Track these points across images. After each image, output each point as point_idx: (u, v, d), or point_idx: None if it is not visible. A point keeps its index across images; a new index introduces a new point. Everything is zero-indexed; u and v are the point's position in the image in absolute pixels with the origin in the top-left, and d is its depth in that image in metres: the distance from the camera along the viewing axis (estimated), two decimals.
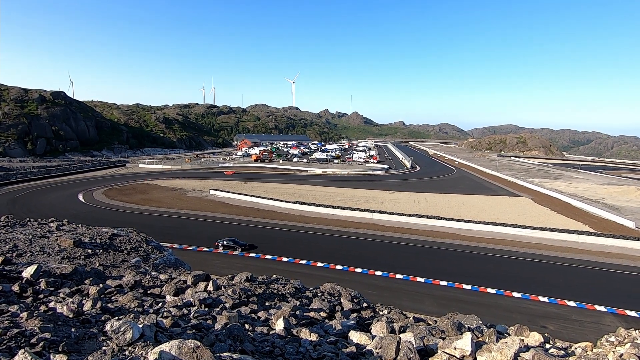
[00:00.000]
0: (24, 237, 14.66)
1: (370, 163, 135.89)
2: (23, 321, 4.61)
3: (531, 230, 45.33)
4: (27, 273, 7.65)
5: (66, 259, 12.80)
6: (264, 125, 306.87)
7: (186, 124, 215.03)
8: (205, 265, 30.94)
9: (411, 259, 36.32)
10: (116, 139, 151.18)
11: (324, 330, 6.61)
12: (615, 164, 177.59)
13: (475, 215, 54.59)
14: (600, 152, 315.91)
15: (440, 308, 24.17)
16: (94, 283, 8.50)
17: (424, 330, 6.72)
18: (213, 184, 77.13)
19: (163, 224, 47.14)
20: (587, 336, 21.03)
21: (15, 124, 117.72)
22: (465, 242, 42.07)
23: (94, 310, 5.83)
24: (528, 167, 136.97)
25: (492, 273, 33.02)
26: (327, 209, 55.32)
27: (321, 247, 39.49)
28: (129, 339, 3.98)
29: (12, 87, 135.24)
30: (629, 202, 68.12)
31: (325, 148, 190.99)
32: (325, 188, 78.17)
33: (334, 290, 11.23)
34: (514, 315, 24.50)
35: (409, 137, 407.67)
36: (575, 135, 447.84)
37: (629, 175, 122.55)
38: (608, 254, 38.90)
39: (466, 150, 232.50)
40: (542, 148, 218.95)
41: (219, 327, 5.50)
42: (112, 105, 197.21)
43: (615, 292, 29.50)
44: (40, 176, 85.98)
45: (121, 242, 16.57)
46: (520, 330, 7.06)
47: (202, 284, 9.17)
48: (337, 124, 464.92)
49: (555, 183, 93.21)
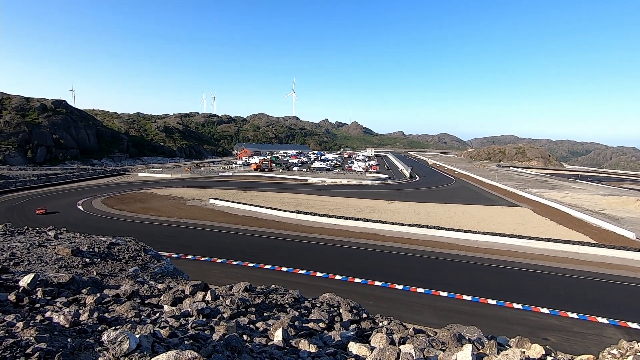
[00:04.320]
0: (21, 245, 14.58)
1: (369, 173, 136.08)
2: (19, 331, 4.56)
3: (531, 241, 45.17)
4: (24, 282, 7.58)
5: (64, 268, 12.70)
6: (264, 135, 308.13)
7: (186, 133, 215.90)
8: (203, 274, 30.69)
9: (411, 269, 36.08)
10: (116, 148, 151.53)
11: (322, 342, 6.54)
12: (614, 174, 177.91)
13: (475, 225, 54.46)
14: (599, 162, 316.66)
15: (441, 319, 23.91)
16: (91, 292, 8.43)
17: (424, 342, 6.64)
18: (212, 193, 77.04)
19: (162, 233, 46.92)
20: (589, 348, 20.80)
21: (16, 132, 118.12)
22: (465, 252, 41.87)
23: (91, 320, 5.77)
24: (527, 177, 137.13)
25: (492, 284, 32.78)
26: (327, 219, 55.17)
27: (320, 256, 39.26)
28: (126, 350, 3.93)
29: (14, 95, 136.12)
30: (629, 213, 68.05)
31: (325, 157, 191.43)
32: (325, 197, 78.09)
33: (333, 301, 11.13)
34: (515, 327, 24.24)
35: (409, 147, 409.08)
36: (574, 146, 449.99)
37: (628, 185, 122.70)
38: (608, 265, 38.71)
39: (465, 161, 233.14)
40: (541, 158, 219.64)
41: (216, 337, 5.44)
42: (112, 114, 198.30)
43: (616, 303, 29.25)
44: (39, 184, 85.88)
45: (119, 251, 16.47)
46: (522, 342, 6.98)
47: (200, 293, 9.09)
48: (336, 133, 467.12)
49: (555, 193, 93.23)
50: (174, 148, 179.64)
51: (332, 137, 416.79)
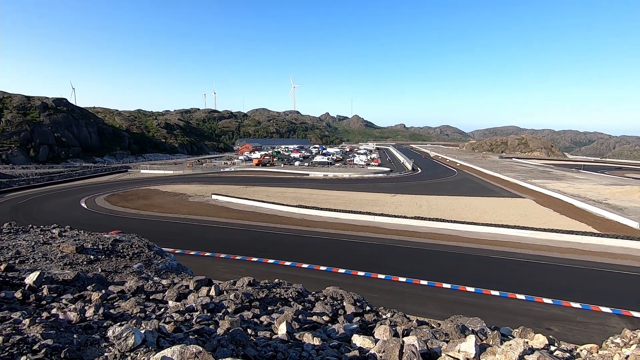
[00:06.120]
0: (26, 243, 14.68)
1: (371, 166, 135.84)
2: (25, 328, 4.60)
3: (534, 232, 45.12)
4: (30, 280, 7.65)
5: (68, 265, 12.80)
6: (265, 130, 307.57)
7: (187, 129, 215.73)
8: (207, 270, 30.88)
9: (414, 262, 36.18)
10: (118, 145, 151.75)
11: (326, 335, 6.58)
12: (618, 164, 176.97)
13: (477, 217, 54.41)
14: (602, 152, 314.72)
15: (444, 311, 24.00)
16: (96, 289, 8.50)
17: (427, 334, 6.67)
18: (215, 189, 77.19)
19: (165, 229, 47.14)
20: (592, 338, 20.83)
21: (17, 131, 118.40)
22: (468, 244, 41.90)
23: (96, 317, 5.82)
24: (530, 168, 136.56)
25: (495, 275, 32.84)
26: (329, 212, 55.25)
27: (323, 250, 39.39)
28: (131, 345, 3.96)
29: (15, 94, 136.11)
30: (632, 203, 67.75)
31: (327, 151, 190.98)
32: (327, 191, 78.10)
33: (337, 294, 11.17)
34: (519, 318, 24.31)
35: (410, 140, 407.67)
36: (576, 136, 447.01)
37: (632, 175, 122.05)
38: (612, 254, 38.66)
39: (467, 152, 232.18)
40: (543, 149, 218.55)
41: (221, 332, 5.48)
42: (113, 111, 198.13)
43: (619, 293, 29.27)
44: (42, 183, 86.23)
45: (123, 247, 16.56)
46: (525, 333, 7.00)
47: (204, 289, 9.14)
48: (338, 127, 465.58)
49: (558, 184, 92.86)
50: (175, 144, 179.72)
51: (334, 131, 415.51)
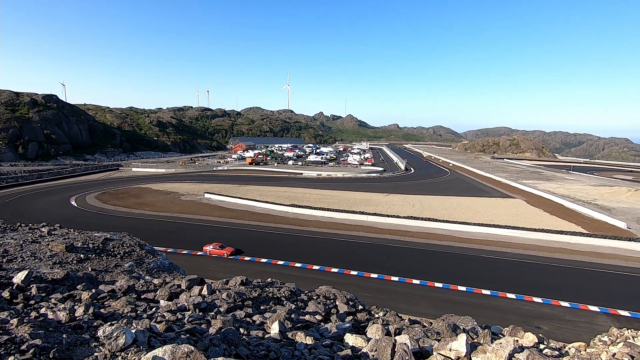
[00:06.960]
0: (14, 242, 14.43)
1: (365, 165, 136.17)
2: (13, 328, 4.53)
3: (525, 232, 45.70)
4: (18, 279, 7.52)
5: (58, 264, 12.62)
6: (259, 128, 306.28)
7: (180, 127, 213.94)
8: (199, 269, 30.71)
9: (406, 261, 36.39)
10: (109, 143, 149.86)
11: (319, 334, 6.59)
12: (607, 165, 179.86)
13: (469, 217, 54.92)
14: (592, 153, 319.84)
15: (436, 310, 24.21)
16: (87, 288, 8.39)
17: (419, 332, 6.71)
18: (207, 187, 76.71)
19: (157, 228, 46.73)
20: (581, 336, 21.20)
21: (6, 127, 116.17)
22: (460, 243, 42.28)
23: (86, 316, 5.75)
24: (521, 168, 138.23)
25: (486, 274, 33.20)
26: (322, 212, 55.29)
27: (316, 249, 39.41)
28: (122, 345, 3.93)
29: (3, 90, 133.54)
30: (620, 203, 69.01)
31: (320, 151, 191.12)
32: (320, 191, 78.12)
33: (330, 293, 11.19)
34: (509, 316, 24.63)
35: (404, 140, 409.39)
36: (567, 137, 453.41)
37: (620, 176, 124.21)
38: (600, 254, 39.34)
39: (460, 153, 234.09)
40: (534, 150, 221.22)
41: (213, 331, 5.45)
42: (105, 108, 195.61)
43: (607, 292, 29.81)
44: (31, 180, 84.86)
45: (114, 246, 16.38)
46: (515, 331, 7.09)
47: (196, 288, 9.09)
48: (331, 126, 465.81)
49: (548, 184, 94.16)
50: (167, 142, 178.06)
51: (327, 131, 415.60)
